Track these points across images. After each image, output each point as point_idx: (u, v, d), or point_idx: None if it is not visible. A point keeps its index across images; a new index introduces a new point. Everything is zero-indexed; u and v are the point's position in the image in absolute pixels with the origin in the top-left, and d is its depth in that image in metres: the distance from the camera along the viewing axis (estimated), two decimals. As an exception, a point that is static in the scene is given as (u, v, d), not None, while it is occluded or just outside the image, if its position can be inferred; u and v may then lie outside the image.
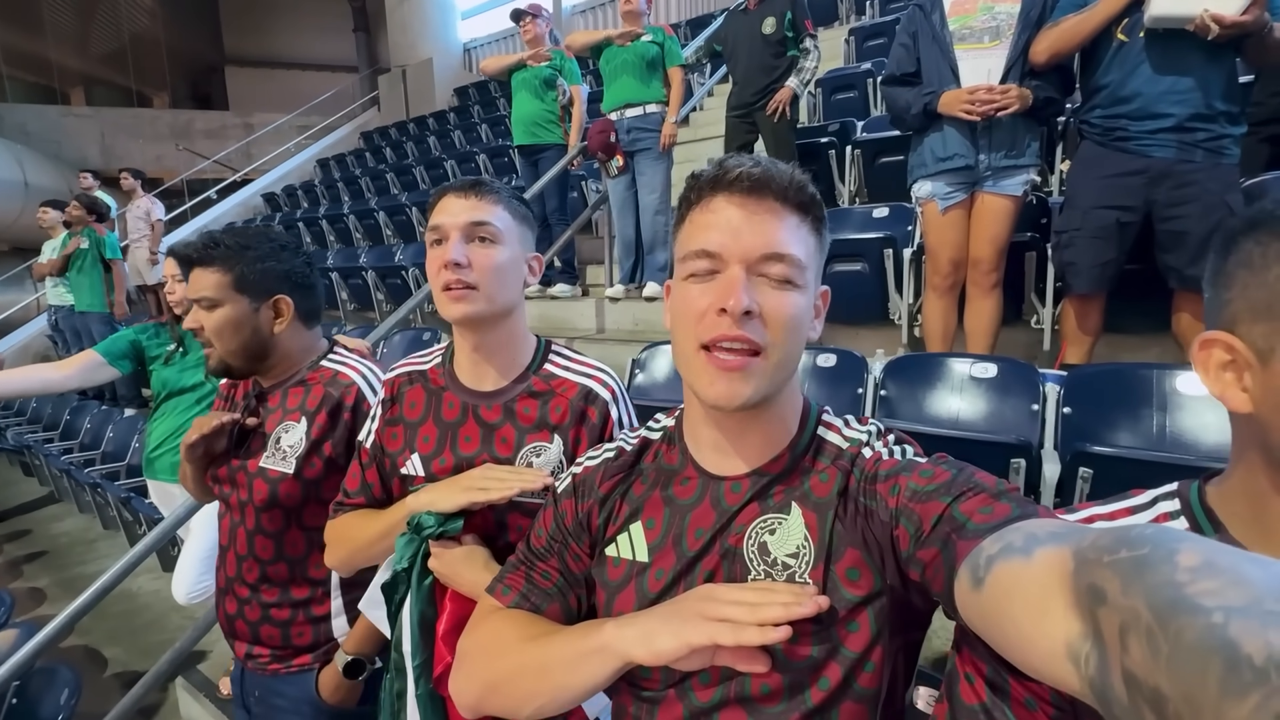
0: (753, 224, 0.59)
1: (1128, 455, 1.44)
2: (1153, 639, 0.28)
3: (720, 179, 0.61)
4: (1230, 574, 0.28)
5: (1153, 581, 0.30)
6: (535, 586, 0.72)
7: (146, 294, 6.23)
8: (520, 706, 0.64)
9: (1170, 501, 0.55)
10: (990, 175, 2.10)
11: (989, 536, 0.48)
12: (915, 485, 0.56)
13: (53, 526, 4.02)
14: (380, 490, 0.97)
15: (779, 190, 0.60)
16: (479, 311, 0.87)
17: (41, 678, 1.68)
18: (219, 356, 1.11)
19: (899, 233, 2.69)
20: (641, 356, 2.52)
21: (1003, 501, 0.52)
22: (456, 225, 0.87)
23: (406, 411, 0.95)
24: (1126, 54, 1.86)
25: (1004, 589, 0.43)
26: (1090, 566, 0.35)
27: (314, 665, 1.15)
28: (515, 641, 0.66)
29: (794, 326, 0.60)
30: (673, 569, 0.64)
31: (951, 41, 2.11)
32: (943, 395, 1.98)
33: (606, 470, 0.73)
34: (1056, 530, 0.43)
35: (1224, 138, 1.80)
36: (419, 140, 7.62)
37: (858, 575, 0.59)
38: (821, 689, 0.58)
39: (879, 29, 4.67)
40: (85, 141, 12.21)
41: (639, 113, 3.43)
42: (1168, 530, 0.34)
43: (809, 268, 0.61)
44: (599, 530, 0.71)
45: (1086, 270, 1.96)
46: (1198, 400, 1.64)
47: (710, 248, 0.60)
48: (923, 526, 0.54)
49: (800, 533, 0.61)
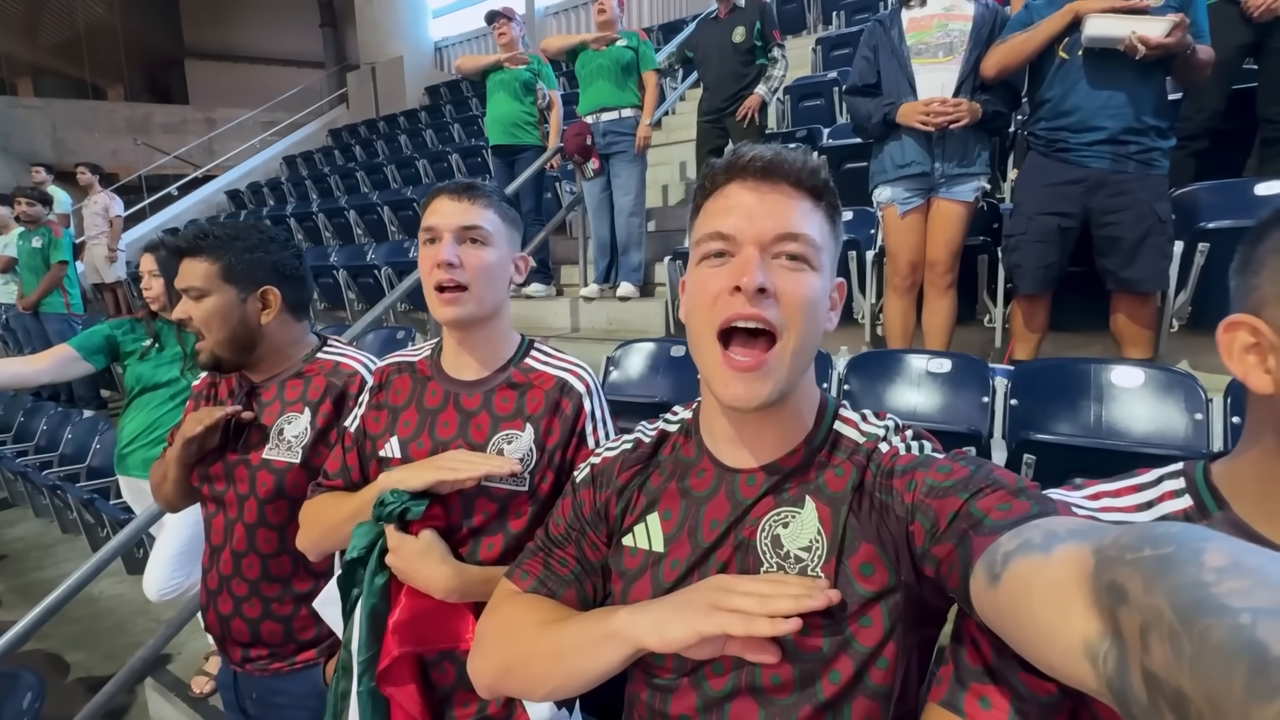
0: (766, 206, 0.60)
1: (1066, 442, 1.55)
2: (1176, 639, 0.27)
3: (734, 165, 0.62)
4: (1258, 574, 0.27)
5: (1178, 581, 0.29)
6: (552, 573, 0.74)
7: (104, 292, 6.05)
8: (535, 688, 0.66)
9: (1175, 480, 0.55)
10: (944, 182, 2.23)
11: (1007, 533, 0.47)
12: (932, 481, 0.56)
13: (6, 531, 3.87)
14: (359, 474, 1.00)
15: (791, 174, 0.61)
16: (469, 314, 0.92)
17: (3, 682, 1.65)
18: (209, 349, 1.11)
19: (862, 235, 2.80)
20: (616, 354, 2.58)
21: (1021, 499, 0.51)
22: (450, 227, 0.92)
23: (392, 397, 0.99)
24: (1067, 70, 2.00)
25: (1021, 585, 0.42)
26: (1111, 564, 0.34)
27: (319, 660, 1.15)
28: (531, 626, 0.67)
29: (809, 307, 0.60)
30: (687, 559, 0.65)
31: (909, 56, 2.23)
32: (901, 389, 2.10)
33: (624, 461, 0.74)
34: (1077, 527, 0.43)
35: (1154, 150, 1.95)
36: (390, 139, 7.54)
37: (872, 570, 0.59)
38: (833, 682, 0.58)
39: (845, 39, 4.82)
40: (35, 134, 11.70)
41: (614, 116, 3.49)
42: (1194, 529, 0.33)
43: (824, 250, 0.62)
44: (616, 520, 0.72)
45: (1031, 272, 2.10)
46: (1130, 392, 1.78)
47: (724, 229, 0.60)
48: (939, 522, 0.53)
49: (814, 526, 0.61)
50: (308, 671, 1.16)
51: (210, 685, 2.05)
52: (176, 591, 1.97)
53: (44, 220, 4.49)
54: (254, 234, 1.15)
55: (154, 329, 2.01)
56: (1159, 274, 2.00)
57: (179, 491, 1.19)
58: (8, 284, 4.89)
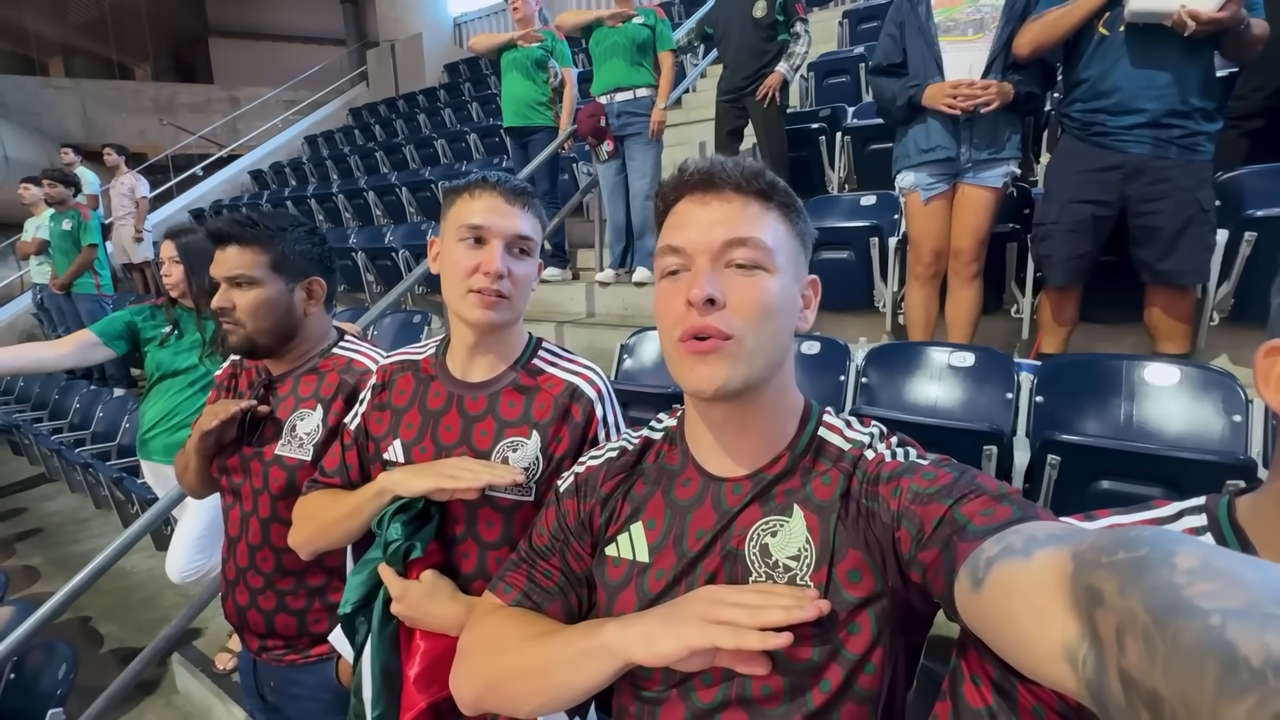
0: (713, 215, 0.61)
1: (1093, 444, 1.48)
2: (1149, 640, 0.28)
3: (681, 183, 0.64)
4: (1228, 576, 0.28)
5: (1150, 583, 0.30)
6: (537, 585, 0.72)
7: (132, 272, 6.18)
8: (520, 705, 0.65)
9: (1196, 516, 0.52)
10: (971, 167, 2.13)
11: (989, 538, 0.48)
12: (917, 487, 0.57)
13: (45, 505, 4.04)
14: (358, 473, 0.98)
15: (732, 180, 0.62)
16: (504, 320, 0.89)
17: (39, 653, 1.72)
18: (246, 335, 1.11)
19: (885, 221, 2.71)
20: (630, 341, 2.55)
21: (1004, 504, 0.52)
22: (503, 233, 0.87)
23: (394, 398, 0.96)
24: (1107, 48, 1.88)
25: (1003, 590, 0.43)
26: (1088, 568, 0.35)
27: (332, 655, 1.16)
28: (516, 640, 0.66)
29: (765, 312, 0.60)
30: (673, 569, 0.64)
31: (936, 34, 2.13)
32: (922, 383, 2.04)
33: (609, 470, 0.73)
34: (1056, 532, 0.44)
35: (1198, 134, 1.83)
36: (409, 118, 7.51)
37: (859, 577, 0.59)
38: (823, 691, 0.58)
39: (873, 12, 4.63)
40: (66, 114, 11.92)
41: (629, 97, 3.41)
42: (1166, 532, 0.34)
43: (778, 251, 0.62)
44: (600, 530, 0.71)
45: (1062, 263, 2.01)
46: (1164, 390, 1.70)
47: (675, 243, 0.62)
48: (924, 528, 0.54)
49: (802, 535, 0.61)
50: (322, 665, 1.17)
51: (233, 662, 2.11)
52: (198, 574, 2.02)
53: (71, 202, 4.57)
54: (297, 225, 1.16)
55: (173, 316, 2.04)
56: (1199, 266, 1.90)
57: (200, 481, 1.22)
58: (41, 265, 5.02)
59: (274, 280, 1.12)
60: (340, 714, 1.17)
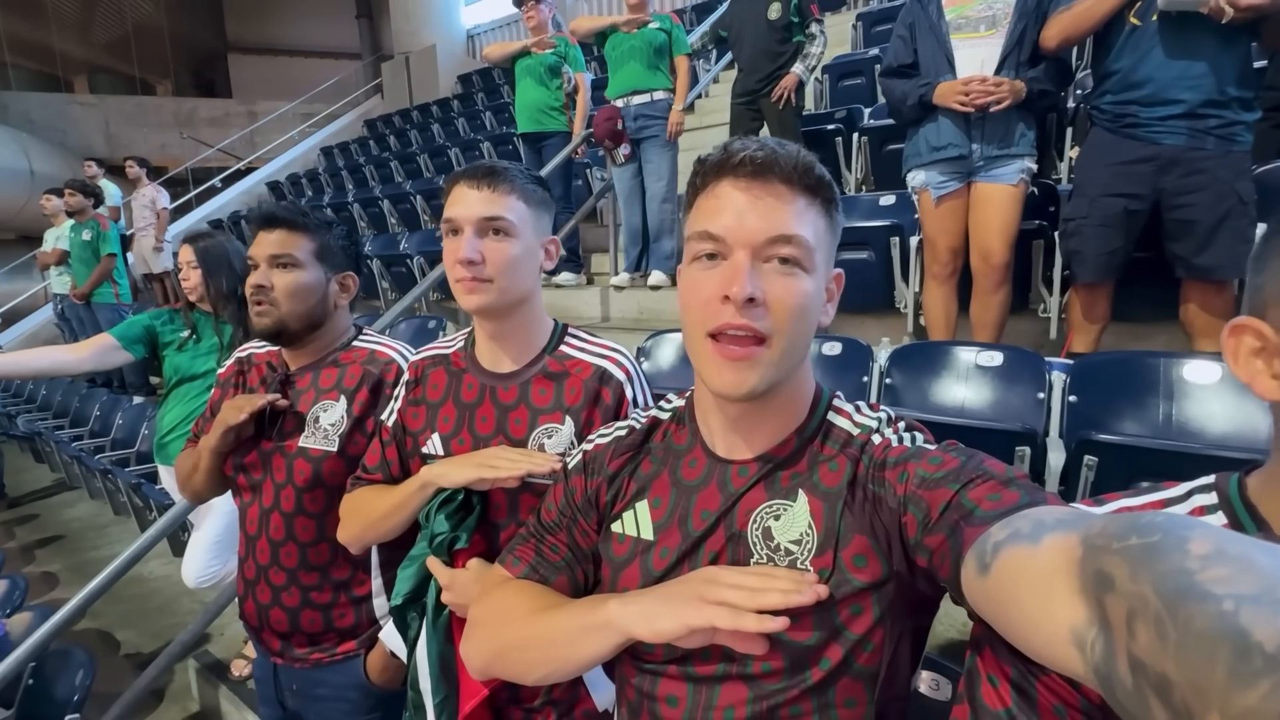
0: (758, 208, 0.59)
1: (1132, 444, 1.43)
2: (1161, 625, 0.28)
3: (725, 163, 0.61)
4: (1241, 562, 0.28)
5: (1163, 568, 0.30)
6: (544, 559, 0.74)
7: (152, 282, 6.26)
8: (525, 674, 0.67)
9: (1207, 495, 0.51)
10: (984, 165, 2.09)
11: (997, 523, 0.47)
12: (924, 472, 0.56)
13: (64, 512, 4.07)
14: (399, 469, 0.99)
15: (785, 173, 0.59)
16: (492, 302, 0.88)
17: (57, 659, 1.71)
18: (279, 317, 1.10)
19: (905, 220, 2.67)
20: (647, 345, 2.52)
21: (1011, 489, 0.51)
22: (470, 219, 0.87)
23: (429, 393, 0.97)
24: (1139, 38, 1.83)
25: (1011, 575, 0.43)
26: (1098, 553, 0.35)
27: (359, 651, 1.15)
28: (523, 613, 0.68)
29: (800, 314, 0.59)
30: (678, 548, 0.65)
31: (948, 31, 2.09)
32: (948, 383, 1.98)
33: (617, 448, 0.74)
34: (1065, 517, 0.43)
35: (1236, 124, 1.78)
36: (423, 128, 7.59)
37: (865, 562, 0.59)
38: (822, 668, 0.59)
39: (888, 14, 4.61)
40: (90, 130, 12.22)
41: (645, 99, 3.41)
42: (1179, 518, 0.33)
43: (818, 250, 0.60)
44: (606, 507, 0.72)
45: (1093, 259, 1.95)
46: (1204, 389, 1.64)
47: (714, 230, 0.59)
48: (931, 513, 0.54)
49: (805, 520, 0.61)
50: (349, 663, 1.15)
51: (249, 669, 2.09)
52: (214, 579, 2.01)
53: (91, 213, 4.64)
54: (339, 224, 1.20)
55: (191, 320, 2.04)
56: (1237, 260, 1.83)
57: (210, 482, 1.19)
58: (61, 275, 5.09)
59: (315, 267, 1.13)
60: (367, 712, 1.16)
